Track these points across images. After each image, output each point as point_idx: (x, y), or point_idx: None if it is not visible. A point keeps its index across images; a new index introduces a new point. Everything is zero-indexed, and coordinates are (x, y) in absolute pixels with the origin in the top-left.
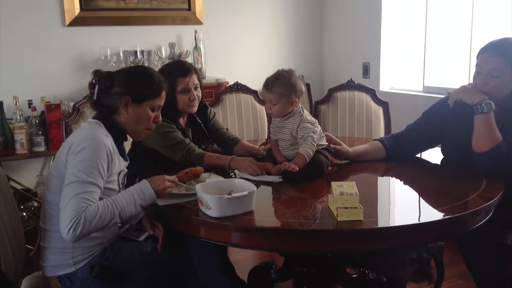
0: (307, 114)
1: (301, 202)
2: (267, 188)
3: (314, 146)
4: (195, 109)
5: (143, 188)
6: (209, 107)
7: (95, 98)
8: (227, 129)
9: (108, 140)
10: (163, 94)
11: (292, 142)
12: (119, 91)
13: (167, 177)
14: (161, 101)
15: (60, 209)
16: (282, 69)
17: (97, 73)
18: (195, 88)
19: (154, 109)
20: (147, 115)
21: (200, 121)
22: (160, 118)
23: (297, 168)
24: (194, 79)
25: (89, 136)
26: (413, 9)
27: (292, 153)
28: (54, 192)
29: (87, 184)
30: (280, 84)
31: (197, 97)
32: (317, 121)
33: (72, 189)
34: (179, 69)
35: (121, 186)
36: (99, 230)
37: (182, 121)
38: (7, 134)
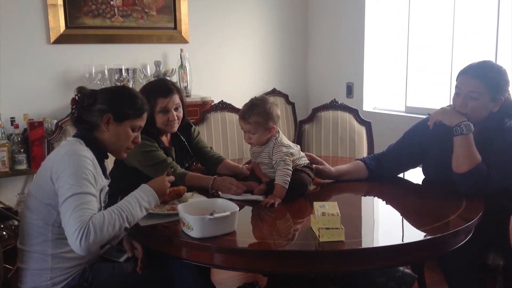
0: (282, 137)
1: (284, 223)
2: (250, 208)
3: (289, 169)
4: (175, 129)
5: (145, 191)
6: (193, 126)
7: (76, 114)
8: (211, 148)
9: (89, 155)
10: (145, 115)
11: (272, 165)
12: (102, 108)
13: (166, 177)
14: (142, 122)
15: (64, 226)
16: (255, 97)
17: (81, 90)
18: (176, 109)
19: (135, 129)
20: (127, 135)
21: (184, 140)
22: (140, 139)
23: (279, 201)
24: (175, 99)
25: (70, 151)
26: (396, 31)
27: (270, 173)
28: (34, 212)
29: (83, 195)
30: (256, 114)
31: (176, 118)
32: (292, 143)
33: (70, 204)
34: (160, 88)
35: (102, 204)
36: (111, 237)
37: (165, 139)
38: None
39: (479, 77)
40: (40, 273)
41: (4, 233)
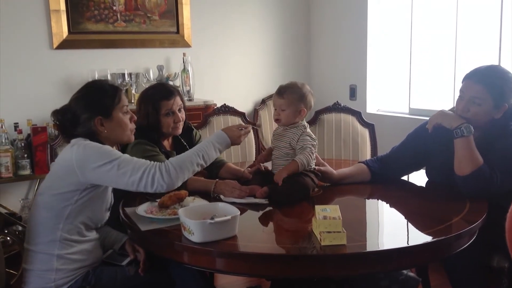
0: (310, 131)
1: (285, 226)
2: (252, 212)
3: (311, 158)
4: (180, 131)
5: (219, 135)
6: (195, 129)
7: (68, 136)
8: None
9: None
10: (122, 94)
11: (287, 152)
12: (87, 116)
13: (242, 130)
14: (124, 101)
15: (127, 183)
16: (295, 81)
17: (55, 113)
18: (179, 110)
19: (125, 111)
20: (123, 121)
21: (185, 143)
22: (134, 116)
23: (284, 175)
24: (178, 101)
25: (82, 144)
26: (398, 32)
27: (282, 164)
28: (46, 208)
29: (127, 157)
30: (292, 92)
31: (181, 119)
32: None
33: (124, 163)
34: (162, 92)
35: (111, 202)
36: (191, 175)
37: (166, 143)
38: None
39: (483, 83)
40: (44, 274)
41: (8, 238)
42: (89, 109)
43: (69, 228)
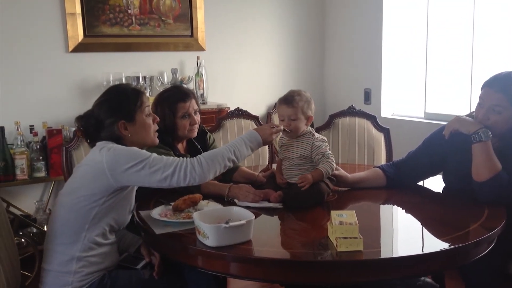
0: (317, 134)
1: (300, 231)
2: (266, 216)
3: (333, 164)
4: (195, 133)
5: (250, 133)
6: (209, 133)
7: (92, 142)
8: None
9: None
10: (144, 96)
11: (297, 163)
12: (111, 121)
13: (274, 128)
14: (146, 103)
15: (156, 179)
16: (296, 89)
17: (79, 119)
18: (195, 113)
19: (147, 113)
20: (146, 123)
21: (199, 147)
22: (157, 117)
23: (309, 182)
24: (194, 103)
25: (111, 147)
26: (414, 36)
27: (293, 173)
28: (71, 210)
29: (155, 155)
30: (300, 100)
31: (197, 121)
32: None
33: (153, 165)
34: (178, 94)
35: (134, 204)
36: (223, 170)
37: (180, 146)
38: (8, 159)
39: (503, 91)
40: (62, 275)
41: (23, 240)
42: (112, 114)
43: (95, 229)
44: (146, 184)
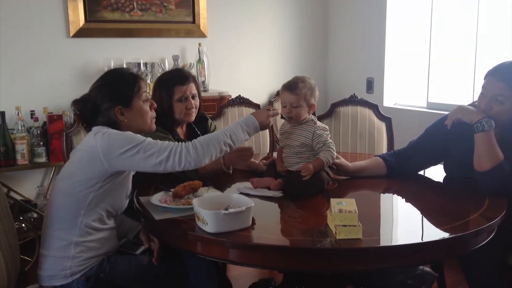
0: (319, 122)
1: (300, 219)
2: (266, 203)
3: (334, 153)
4: (193, 118)
5: (247, 117)
6: (210, 120)
7: (89, 125)
8: None
9: None
10: (141, 82)
11: (298, 150)
12: (107, 106)
13: (270, 111)
14: (144, 88)
15: (151, 164)
16: (299, 75)
17: (75, 103)
18: (193, 97)
19: (144, 99)
20: (143, 109)
21: (199, 132)
22: (154, 103)
23: (311, 170)
24: (192, 87)
25: (106, 132)
26: (418, 25)
27: (294, 161)
28: (68, 195)
29: (150, 140)
30: (304, 87)
31: (194, 106)
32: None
33: (147, 149)
34: (177, 77)
35: (130, 189)
36: (219, 154)
37: (180, 131)
38: (8, 144)
39: (506, 80)
40: (61, 261)
41: (23, 225)
42: (109, 99)
43: (91, 215)
44: (141, 168)
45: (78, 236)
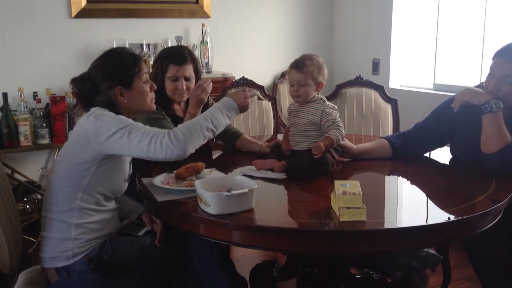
0: (328, 102)
1: (303, 201)
2: (269, 185)
3: (342, 131)
4: (183, 99)
5: (224, 100)
6: (210, 98)
7: (87, 105)
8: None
9: None
10: (142, 63)
11: (305, 129)
12: (107, 85)
13: (247, 92)
14: (144, 70)
15: (135, 150)
16: (308, 53)
17: (74, 81)
18: (187, 79)
19: (145, 80)
20: (143, 90)
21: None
22: (154, 85)
23: (322, 148)
24: (187, 69)
25: (98, 114)
26: (425, 5)
27: (300, 140)
28: (64, 178)
29: (137, 124)
30: (311, 64)
31: (185, 87)
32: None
33: (132, 134)
34: (174, 56)
35: (130, 172)
36: (202, 141)
37: (178, 108)
38: (11, 126)
39: None
40: (62, 242)
41: (28, 206)
42: (109, 79)
43: (87, 198)
44: (126, 153)
45: (77, 218)
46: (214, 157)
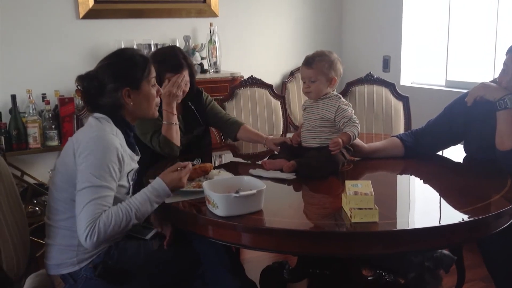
0: (343, 99)
1: (313, 202)
2: (279, 186)
3: (358, 128)
4: (179, 100)
5: (157, 186)
6: (205, 93)
7: (91, 105)
8: (226, 113)
9: (117, 141)
10: (151, 66)
11: (317, 124)
12: (114, 86)
13: (182, 167)
14: (153, 73)
15: (76, 215)
16: (321, 49)
17: (81, 79)
18: (185, 85)
19: (153, 84)
20: (150, 94)
21: (192, 107)
22: (161, 89)
23: (340, 144)
24: (185, 76)
25: (98, 137)
26: (436, 0)
27: (310, 136)
28: (59, 188)
29: (100, 189)
30: (321, 60)
31: (181, 93)
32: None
33: (86, 195)
34: (170, 62)
35: (131, 183)
36: (118, 235)
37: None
38: (20, 128)
39: None
40: (66, 249)
41: (37, 208)
42: (117, 79)
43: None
44: (76, 206)
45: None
46: (223, 158)
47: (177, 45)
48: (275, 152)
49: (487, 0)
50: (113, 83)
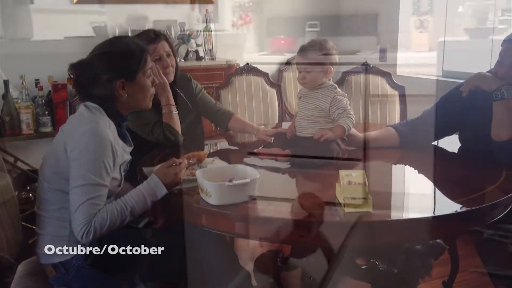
0: (339, 90)
1: (307, 191)
2: (273, 174)
3: (353, 119)
4: (171, 77)
5: (152, 184)
6: (194, 81)
7: (83, 94)
8: (217, 102)
9: (110, 134)
10: (147, 55)
11: (311, 113)
12: (108, 77)
13: (178, 168)
14: (149, 64)
15: (71, 213)
16: (316, 38)
17: (73, 67)
18: (168, 55)
19: (148, 75)
20: (146, 86)
21: (182, 94)
22: (156, 79)
23: (330, 136)
24: (164, 45)
25: (91, 132)
26: None
27: (304, 126)
28: (48, 181)
29: (96, 187)
30: (316, 49)
31: (170, 65)
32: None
33: (81, 194)
34: (147, 36)
35: (123, 174)
36: (118, 226)
37: None
38: (13, 114)
39: None
40: (58, 239)
41: (30, 195)
42: (112, 70)
43: None
44: (70, 205)
45: (69, 215)
46: (218, 146)
47: (172, 31)
48: (270, 141)
49: None
50: (107, 74)
